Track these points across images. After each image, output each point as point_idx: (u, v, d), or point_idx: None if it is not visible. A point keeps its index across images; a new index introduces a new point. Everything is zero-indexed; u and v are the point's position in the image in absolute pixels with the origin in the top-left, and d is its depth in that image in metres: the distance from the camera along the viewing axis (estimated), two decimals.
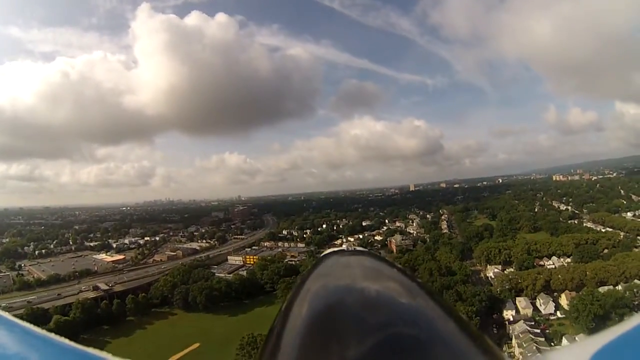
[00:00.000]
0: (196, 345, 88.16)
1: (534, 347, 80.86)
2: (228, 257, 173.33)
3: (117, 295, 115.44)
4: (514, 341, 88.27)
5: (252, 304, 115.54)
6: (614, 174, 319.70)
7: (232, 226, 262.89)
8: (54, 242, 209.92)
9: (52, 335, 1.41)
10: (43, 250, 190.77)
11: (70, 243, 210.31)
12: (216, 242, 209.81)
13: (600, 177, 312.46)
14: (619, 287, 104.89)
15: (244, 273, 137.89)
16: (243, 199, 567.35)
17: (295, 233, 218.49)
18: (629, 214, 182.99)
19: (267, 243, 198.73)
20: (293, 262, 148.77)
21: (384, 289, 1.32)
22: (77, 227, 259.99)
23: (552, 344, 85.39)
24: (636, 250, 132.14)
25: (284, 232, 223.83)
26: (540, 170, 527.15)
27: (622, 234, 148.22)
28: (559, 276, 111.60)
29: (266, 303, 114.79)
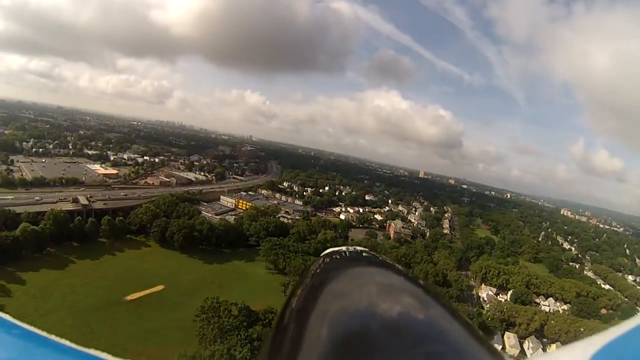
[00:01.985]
0: (160, 287, 79.75)
1: None
2: (221, 196, 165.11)
3: (95, 213, 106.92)
4: None
5: (231, 254, 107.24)
6: (621, 229, 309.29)
7: (235, 164, 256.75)
8: (54, 143, 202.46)
9: (52, 336, 1.41)
10: (41, 149, 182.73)
11: (70, 147, 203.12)
12: (214, 177, 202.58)
13: (607, 227, 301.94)
14: None
15: (232, 219, 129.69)
16: (254, 139, 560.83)
17: (296, 188, 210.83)
18: (630, 277, 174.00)
19: (265, 191, 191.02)
20: (285, 220, 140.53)
21: (383, 289, 1.32)
22: (81, 132, 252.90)
23: None
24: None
25: (285, 184, 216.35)
26: (549, 199, 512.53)
27: (621, 297, 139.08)
28: (556, 325, 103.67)
29: (245, 257, 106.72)
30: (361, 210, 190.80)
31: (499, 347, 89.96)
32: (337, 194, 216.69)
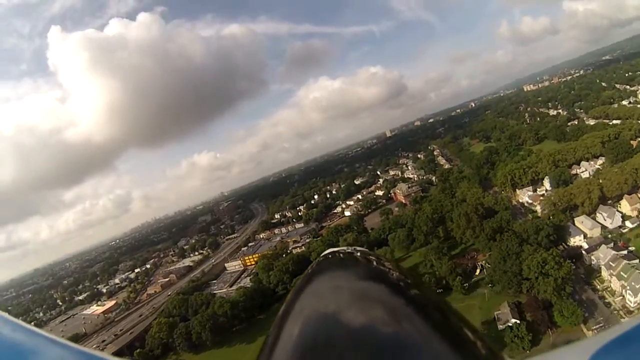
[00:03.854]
0: None
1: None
2: (225, 264, 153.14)
3: None
4: (604, 273, 69.79)
5: (268, 318, 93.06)
6: (581, 71, 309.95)
7: (222, 226, 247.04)
8: (43, 309, 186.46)
9: (53, 335, 1.41)
10: (32, 323, 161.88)
11: (60, 304, 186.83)
12: (209, 250, 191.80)
13: (570, 76, 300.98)
14: None
15: (248, 280, 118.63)
16: (226, 194, 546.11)
17: (288, 214, 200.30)
18: (625, 102, 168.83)
19: (263, 234, 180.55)
20: (299, 249, 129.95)
21: (383, 288, 1.31)
22: (65, 282, 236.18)
23: None
24: None
25: (277, 216, 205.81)
26: (507, 86, 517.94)
27: (635, 121, 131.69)
28: (611, 180, 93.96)
29: None
30: (359, 196, 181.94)
31: (580, 237, 79.91)
32: (328, 196, 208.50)
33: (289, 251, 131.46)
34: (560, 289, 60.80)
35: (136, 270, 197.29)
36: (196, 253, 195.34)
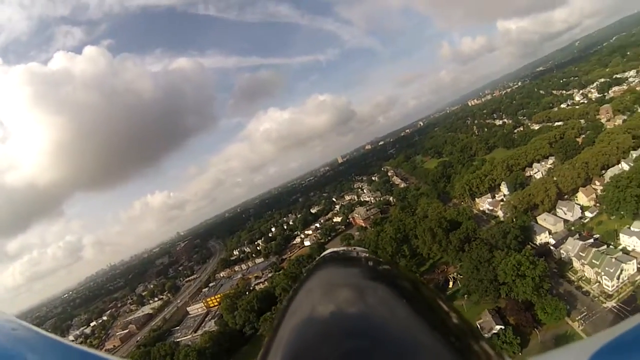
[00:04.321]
0: None
1: (613, 260, 64.72)
2: (187, 308, 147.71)
3: None
4: (576, 264, 71.95)
5: None
6: (519, 83, 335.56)
7: (180, 268, 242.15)
8: None
9: (53, 335, 1.43)
10: None
11: None
12: (169, 294, 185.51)
13: (509, 89, 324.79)
14: (623, 164, 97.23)
15: (213, 323, 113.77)
16: (182, 234, 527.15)
17: (247, 249, 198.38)
18: (563, 105, 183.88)
19: (223, 273, 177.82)
20: (262, 285, 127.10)
21: (383, 289, 1.33)
22: None
23: (609, 245, 72.48)
24: (608, 126, 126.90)
25: (236, 252, 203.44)
26: (452, 102, 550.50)
27: (581, 121, 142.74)
28: (565, 175, 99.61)
29: (254, 352, 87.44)
30: (317, 225, 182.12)
31: (546, 234, 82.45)
32: (285, 227, 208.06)
33: (251, 288, 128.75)
34: (538, 287, 61.44)
35: (92, 324, 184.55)
36: (155, 299, 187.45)
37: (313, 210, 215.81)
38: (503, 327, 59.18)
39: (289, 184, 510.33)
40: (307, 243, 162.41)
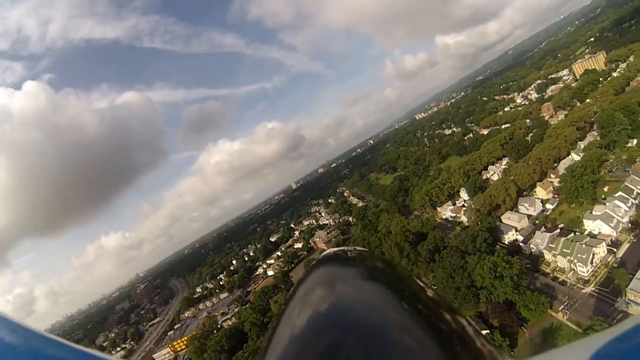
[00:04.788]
0: None
1: (584, 246, 66.77)
2: (153, 355, 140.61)
3: None
4: (547, 256, 73.91)
5: None
6: (462, 93, 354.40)
7: (142, 312, 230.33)
8: None
9: (53, 336, 1.45)
10: None
11: None
12: (132, 342, 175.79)
13: (453, 100, 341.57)
14: (573, 155, 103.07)
15: None
16: (142, 275, 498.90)
17: (210, 285, 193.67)
18: (507, 108, 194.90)
19: (188, 312, 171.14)
20: (229, 322, 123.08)
21: (383, 288, 1.36)
22: None
23: (575, 232, 75.92)
24: (553, 122, 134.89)
25: (198, 289, 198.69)
26: (400, 118, 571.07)
27: (527, 121, 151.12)
28: (520, 172, 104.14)
29: None
30: (279, 253, 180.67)
31: (512, 232, 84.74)
32: (246, 259, 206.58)
33: (219, 326, 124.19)
34: (517, 285, 61.89)
35: None
36: (118, 348, 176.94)
37: (272, 239, 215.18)
38: (489, 330, 58.58)
39: (246, 215, 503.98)
40: (270, 272, 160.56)
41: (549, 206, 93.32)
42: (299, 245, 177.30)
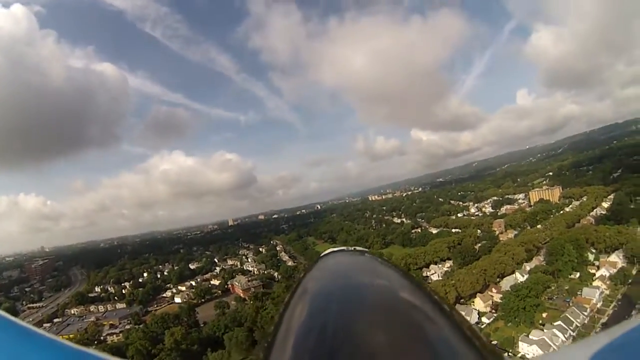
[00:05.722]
0: None
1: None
2: None
3: None
4: None
5: None
6: (420, 189, 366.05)
7: (28, 289, 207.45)
8: None
9: (52, 335, 1.48)
10: None
11: None
12: None
13: (410, 192, 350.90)
14: (518, 274, 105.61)
15: None
16: (47, 250, 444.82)
17: (111, 289, 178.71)
18: (460, 214, 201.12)
19: (75, 309, 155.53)
20: (115, 337, 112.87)
21: (384, 288, 1.39)
22: None
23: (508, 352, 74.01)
24: (502, 238, 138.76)
25: (97, 289, 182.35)
26: (353, 194, 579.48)
27: (478, 231, 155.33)
28: (465, 281, 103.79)
29: None
30: (193, 282, 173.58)
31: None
32: (158, 276, 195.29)
33: (102, 338, 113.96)
34: None
35: None
36: None
37: (192, 266, 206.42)
38: None
39: (174, 232, 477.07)
40: (177, 299, 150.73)
41: (485, 319, 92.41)
42: (216, 282, 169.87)
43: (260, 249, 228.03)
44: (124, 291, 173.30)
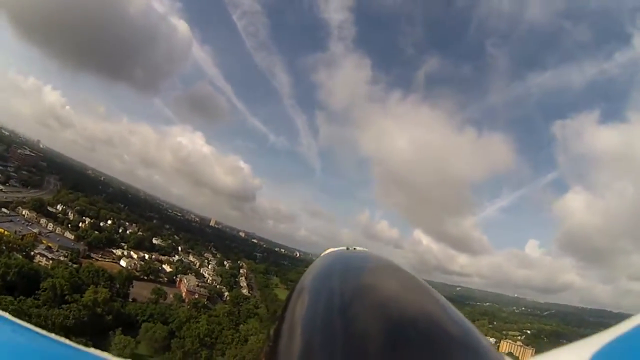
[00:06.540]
0: None
1: None
2: None
3: None
4: None
5: None
6: None
7: (0, 167, 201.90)
8: None
9: (52, 335, 1.49)
10: None
11: None
12: None
13: None
14: None
15: None
16: (41, 146, 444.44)
17: (71, 215, 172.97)
18: None
19: (28, 212, 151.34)
20: (41, 262, 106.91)
21: (384, 288, 1.40)
22: None
23: None
24: None
25: (59, 207, 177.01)
26: None
27: None
28: None
29: None
30: (147, 256, 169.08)
31: None
32: (120, 231, 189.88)
33: (32, 253, 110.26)
34: None
35: None
36: None
37: (155, 241, 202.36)
38: None
39: (157, 201, 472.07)
40: (122, 263, 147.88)
41: None
42: (167, 268, 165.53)
43: (225, 263, 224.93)
44: (80, 224, 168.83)
